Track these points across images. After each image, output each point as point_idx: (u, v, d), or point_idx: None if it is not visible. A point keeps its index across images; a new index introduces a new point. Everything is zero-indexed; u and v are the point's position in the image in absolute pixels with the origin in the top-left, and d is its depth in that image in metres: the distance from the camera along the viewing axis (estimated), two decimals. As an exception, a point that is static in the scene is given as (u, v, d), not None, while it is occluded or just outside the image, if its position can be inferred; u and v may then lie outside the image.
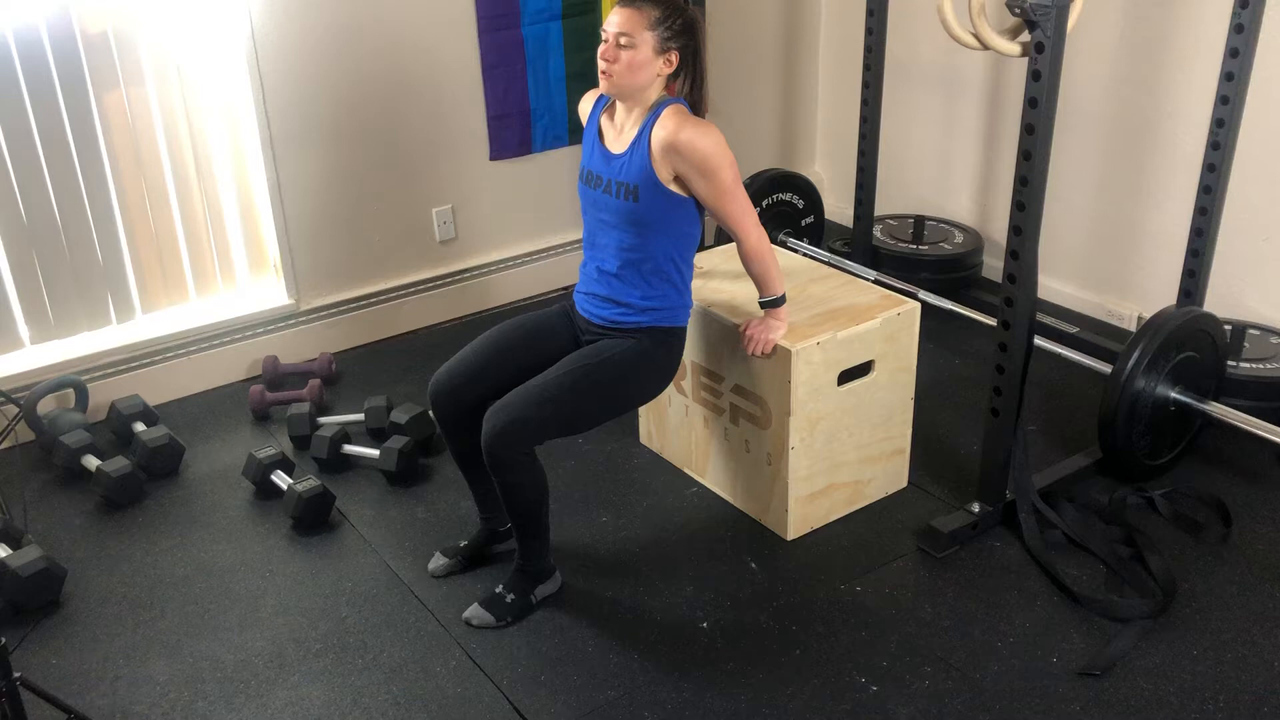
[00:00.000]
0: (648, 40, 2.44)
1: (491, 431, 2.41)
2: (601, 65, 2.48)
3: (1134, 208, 3.78)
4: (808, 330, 2.72)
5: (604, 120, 2.63)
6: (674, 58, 2.49)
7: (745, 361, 2.78)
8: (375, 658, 2.52)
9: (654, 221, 2.53)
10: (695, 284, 2.80)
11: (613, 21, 2.46)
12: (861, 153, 4.03)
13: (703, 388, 2.95)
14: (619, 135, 2.57)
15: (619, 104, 2.58)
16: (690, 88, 2.56)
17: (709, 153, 2.46)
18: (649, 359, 2.60)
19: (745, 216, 2.57)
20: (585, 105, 2.69)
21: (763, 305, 2.69)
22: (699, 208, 2.58)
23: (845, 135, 4.46)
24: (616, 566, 2.79)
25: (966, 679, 2.40)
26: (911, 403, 2.97)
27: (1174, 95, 3.55)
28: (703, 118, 2.56)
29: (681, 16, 2.48)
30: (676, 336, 2.66)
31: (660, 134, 2.46)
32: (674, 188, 2.51)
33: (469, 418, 2.58)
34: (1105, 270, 3.93)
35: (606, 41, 2.47)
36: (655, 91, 2.52)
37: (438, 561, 2.79)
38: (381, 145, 3.79)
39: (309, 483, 2.96)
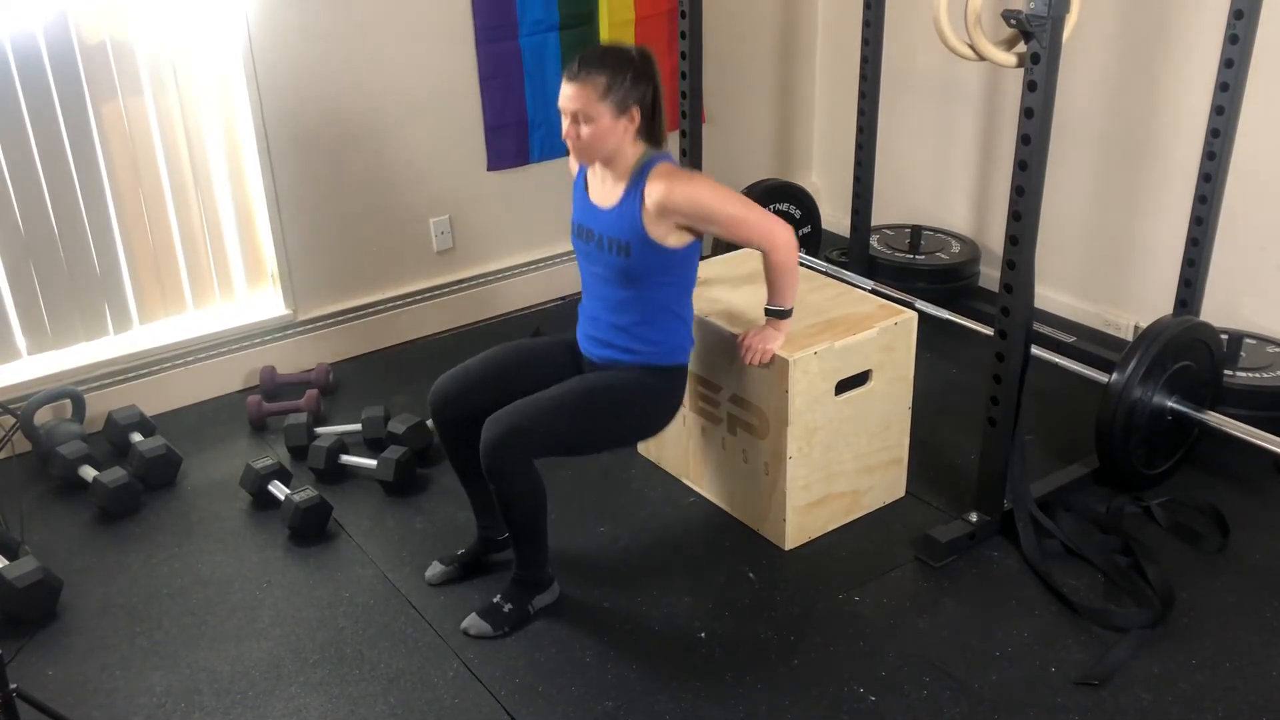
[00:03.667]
0: (604, 110, 2.42)
1: (490, 439, 2.41)
2: (567, 142, 2.48)
3: (1130, 217, 3.78)
4: (805, 340, 2.72)
5: (589, 173, 2.64)
6: (635, 113, 2.47)
7: (743, 371, 2.79)
8: (373, 668, 2.52)
9: (647, 274, 2.55)
10: (694, 292, 2.80)
11: (565, 97, 2.44)
12: (858, 162, 4.04)
13: (700, 397, 2.95)
14: (603, 189, 2.57)
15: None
16: (652, 118, 2.52)
17: (704, 200, 2.48)
18: (650, 390, 2.62)
19: (766, 232, 2.55)
20: (573, 160, 2.64)
21: (768, 313, 2.69)
22: (700, 245, 2.60)
23: (842, 145, 4.47)
24: (614, 577, 2.79)
25: (965, 689, 2.40)
26: (909, 412, 2.97)
27: (1169, 105, 3.56)
28: (665, 141, 2.56)
29: (631, 70, 2.45)
30: (678, 372, 2.67)
31: (654, 196, 2.46)
32: (671, 242, 2.51)
33: (468, 427, 2.58)
34: (1102, 280, 3.93)
35: (565, 117, 2.46)
36: (630, 145, 2.50)
37: (435, 569, 2.78)
38: (379, 156, 3.80)
39: (306, 493, 2.95)
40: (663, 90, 2.53)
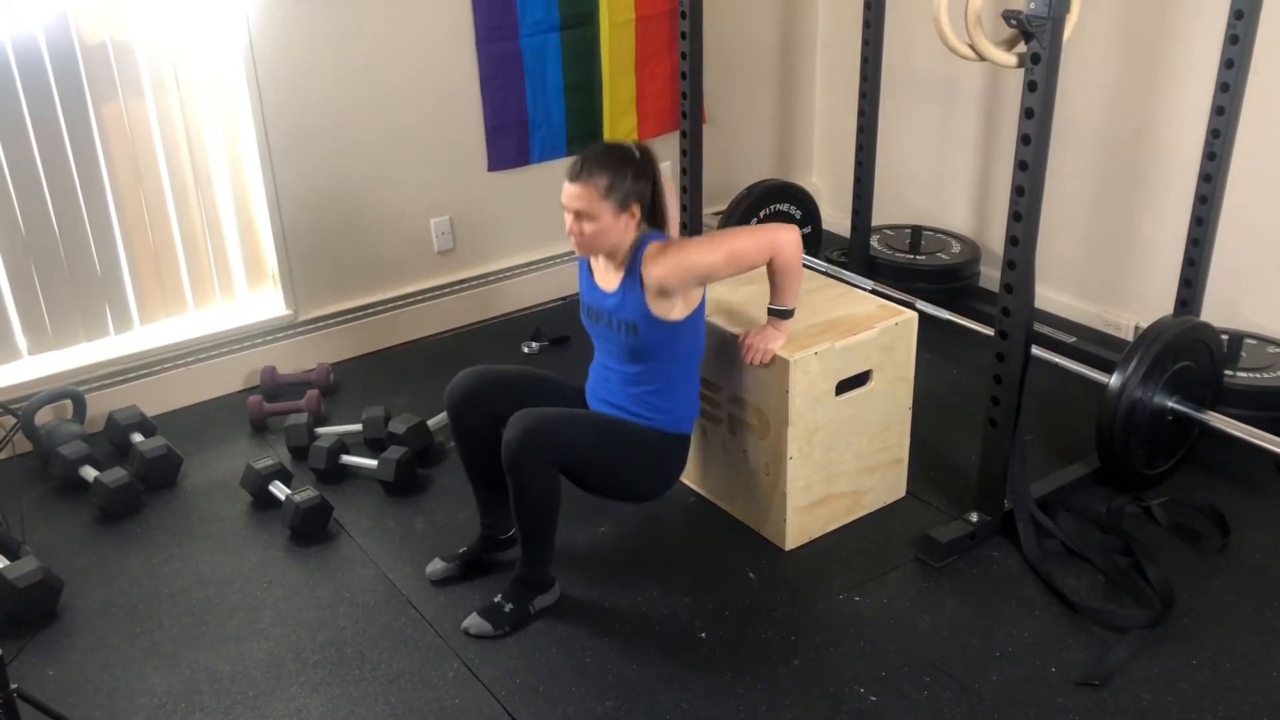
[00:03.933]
0: (606, 209, 2.45)
1: (514, 436, 2.43)
2: (570, 238, 2.51)
3: (1130, 218, 3.78)
4: (805, 340, 2.72)
5: (590, 258, 2.66)
6: (636, 209, 2.50)
7: (743, 371, 2.79)
8: (373, 668, 2.52)
9: (656, 349, 2.58)
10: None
11: (568, 196, 2.47)
12: (859, 163, 4.04)
13: (700, 398, 2.95)
14: (606, 273, 2.61)
15: None
16: (653, 211, 2.56)
17: (698, 261, 2.51)
18: (657, 448, 2.66)
19: (767, 245, 2.58)
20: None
21: (771, 312, 2.69)
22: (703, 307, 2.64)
23: (842, 145, 4.47)
24: (615, 577, 2.79)
25: (965, 689, 2.40)
26: (909, 412, 2.97)
27: (1169, 105, 3.56)
28: (666, 224, 2.59)
29: (632, 168, 2.47)
30: (683, 440, 2.71)
31: (652, 279, 2.49)
32: (675, 314, 2.54)
33: (482, 423, 2.63)
34: (1102, 280, 3.93)
35: (567, 214, 2.48)
36: (631, 235, 2.53)
37: (436, 565, 2.79)
38: (379, 156, 3.80)
39: (307, 493, 2.95)
40: (662, 182, 2.57)
